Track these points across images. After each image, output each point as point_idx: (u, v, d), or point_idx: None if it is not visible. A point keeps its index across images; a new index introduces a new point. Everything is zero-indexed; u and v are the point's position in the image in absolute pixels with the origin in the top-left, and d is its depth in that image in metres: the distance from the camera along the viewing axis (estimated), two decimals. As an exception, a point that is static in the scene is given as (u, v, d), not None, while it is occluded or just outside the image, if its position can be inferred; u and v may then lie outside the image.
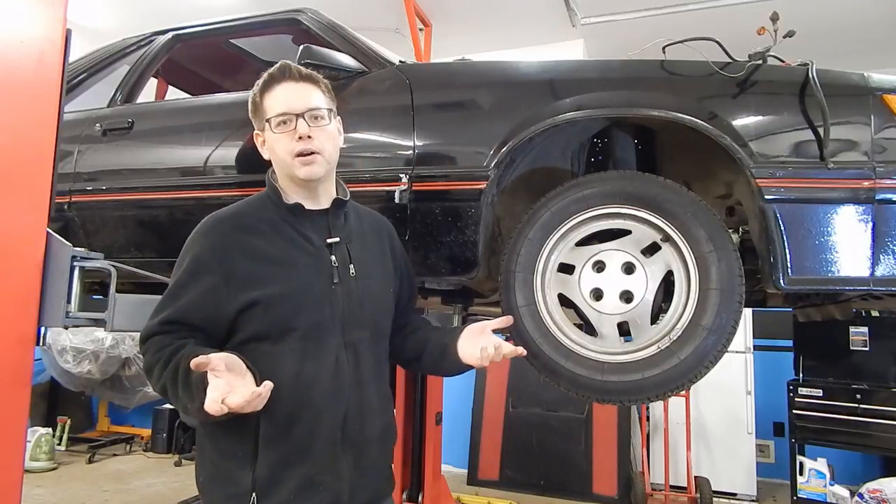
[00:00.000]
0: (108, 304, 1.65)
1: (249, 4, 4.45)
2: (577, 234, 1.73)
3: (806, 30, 1.88)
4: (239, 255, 1.31)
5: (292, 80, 1.37)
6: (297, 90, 1.36)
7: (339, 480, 1.30)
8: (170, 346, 1.26)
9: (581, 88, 1.78)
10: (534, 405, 4.88)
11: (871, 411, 3.88)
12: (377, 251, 1.49)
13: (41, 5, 1.57)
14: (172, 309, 1.29)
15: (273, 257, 1.32)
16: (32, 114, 1.55)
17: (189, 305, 1.29)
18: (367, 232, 1.49)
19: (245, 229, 1.34)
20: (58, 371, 5.54)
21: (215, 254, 1.30)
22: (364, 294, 1.38)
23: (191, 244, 1.35)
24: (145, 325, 1.32)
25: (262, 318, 1.28)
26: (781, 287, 1.57)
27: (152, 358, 1.27)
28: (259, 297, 1.28)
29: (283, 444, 1.27)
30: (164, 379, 1.23)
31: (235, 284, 1.28)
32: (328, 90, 1.42)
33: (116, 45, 2.60)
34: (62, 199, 2.25)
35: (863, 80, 1.65)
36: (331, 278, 1.35)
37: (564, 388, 1.65)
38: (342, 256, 1.38)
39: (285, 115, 1.34)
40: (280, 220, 1.37)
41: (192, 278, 1.30)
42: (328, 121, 1.39)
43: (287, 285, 1.30)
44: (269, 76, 1.39)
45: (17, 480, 1.47)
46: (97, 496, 4.58)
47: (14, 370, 1.46)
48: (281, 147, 1.35)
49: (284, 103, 1.35)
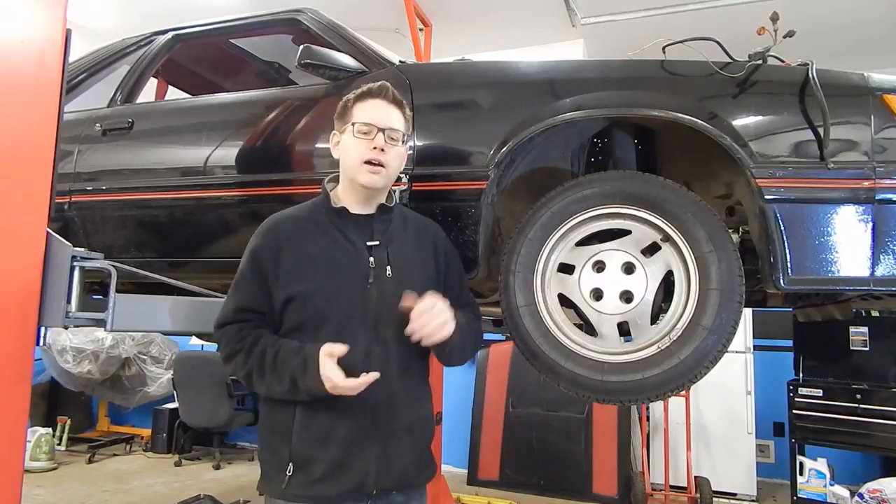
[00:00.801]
0: (108, 304, 1.65)
1: (249, 4, 4.45)
2: (577, 234, 1.73)
3: (806, 30, 1.88)
4: (287, 253, 1.46)
5: (385, 100, 1.51)
6: (386, 109, 1.51)
7: (366, 464, 1.41)
8: (249, 336, 1.43)
9: (581, 88, 1.78)
10: (534, 405, 4.87)
11: (871, 411, 3.87)
12: (418, 254, 1.56)
13: (41, 5, 1.57)
14: (240, 298, 1.47)
15: (315, 256, 1.46)
16: (32, 114, 1.55)
17: (253, 294, 1.46)
18: (411, 235, 1.57)
19: (297, 230, 1.49)
20: (58, 371, 5.55)
21: (269, 251, 1.46)
22: (398, 295, 1.44)
23: (252, 240, 1.51)
24: (219, 315, 1.49)
25: (301, 311, 1.44)
26: (781, 287, 1.57)
27: (234, 346, 1.44)
28: (298, 291, 1.43)
29: (315, 426, 1.41)
30: (251, 365, 1.40)
31: (282, 279, 1.44)
32: (408, 119, 1.58)
33: (116, 45, 2.61)
34: (62, 199, 2.26)
35: (863, 80, 1.65)
36: (366, 278, 1.46)
37: (564, 388, 1.65)
38: (380, 258, 1.49)
39: (369, 126, 1.48)
40: (327, 221, 1.51)
41: (251, 271, 1.47)
42: (401, 144, 1.53)
43: (323, 282, 1.44)
44: (367, 89, 1.53)
45: (17, 480, 1.47)
46: (97, 496, 4.58)
47: (14, 370, 1.46)
48: (355, 151, 1.48)
49: (372, 115, 1.49)
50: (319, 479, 1.39)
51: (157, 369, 5.86)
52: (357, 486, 1.40)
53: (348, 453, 1.40)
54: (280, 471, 1.41)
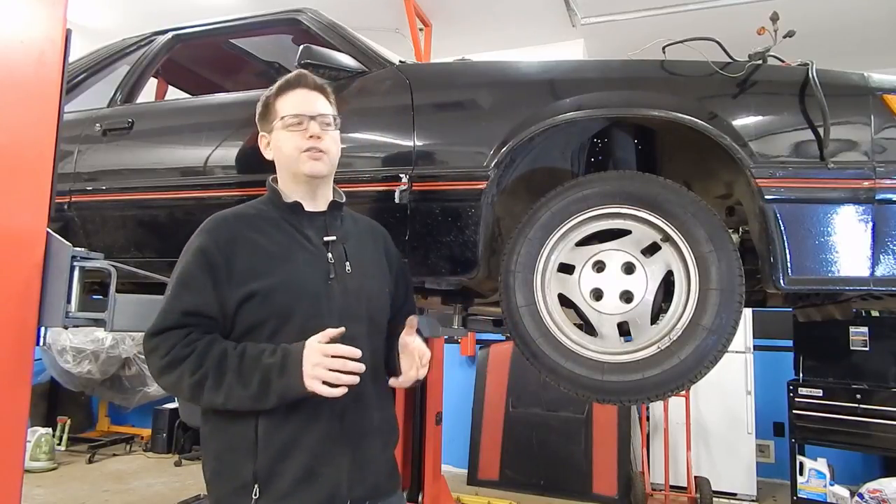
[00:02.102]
0: (108, 304, 1.65)
1: (249, 4, 4.44)
2: (577, 234, 1.73)
3: (806, 30, 1.88)
4: (240, 251, 1.36)
5: (307, 88, 1.48)
6: (310, 96, 1.47)
7: (338, 473, 1.32)
8: (199, 339, 1.29)
9: (581, 88, 1.78)
10: (534, 405, 4.88)
11: (871, 411, 3.87)
12: (373, 252, 1.55)
13: (41, 5, 1.57)
14: (190, 301, 1.32)
15: (272, 252, 1.38)
16: (32, 114, 1.56)
17: (205, 297, 1.32)
18: (364, 234, 1.55)
19: (247, 226, 1.41)
20: (58, 371, 5.54)
21: (219, 249, 1.35)
22: (360, 290, 1.44)
23: (195, 240, 1.40)
24: (158, 319, 1.32)
25: (261, 309, 1.33)
26: (781, 287, 1.57)
27: (180, 352, 1.28)
28: (257, 288, 1.33)
29: (282, 435, 1.30)
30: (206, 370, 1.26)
31: (236, 278, 1.34)
32: (334, 101, 1.54)
33: (116, 45, 2.60)
34: (62, 199, 2.25)
35: (863, 80, 1.65)
36: (327, 274, 1.40)
37: (564, 388, 1.65)
38: (339, 254, 1.44)
39: (299, 117, 1.44)
40: (280, 218, 1.44)
41: (200, 272, 1.34)
42: (334, 127, 1.49)
43: (284, 277, 1.36)
44: (285, 82, 1.49)
45: (17, 480, 1.47)
46: (97, 496, 4.58)
47: (14, 370, 1.47)
48: (291, 144, 1.43)
49: (299, 106, 1.45)
50: (287, 494, 1.28)
51: (157, 369, 5.85)
52: (329, 498, 1.31)
53: (318, 461, 1.31)
54: (243, 495, 1.28)
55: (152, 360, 1.31)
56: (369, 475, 1.38)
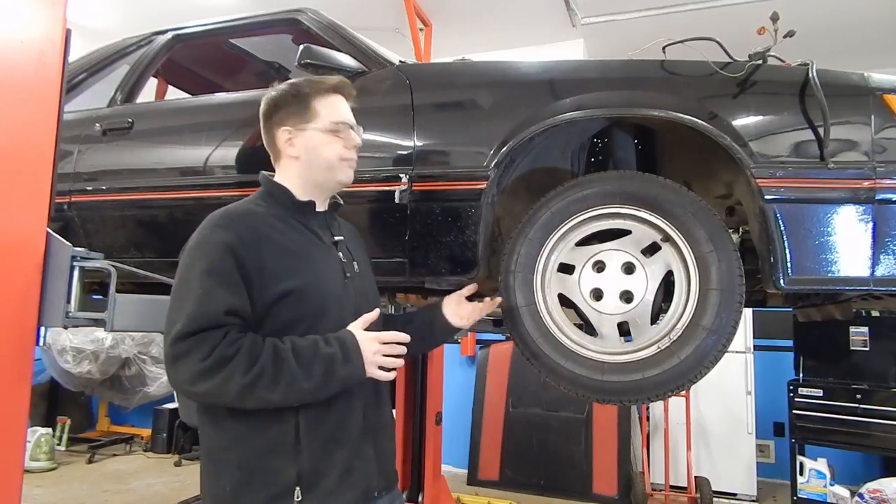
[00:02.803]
0: (108, 304, 1.65)
1: (249, 4, 4.45)
2: (578, 234, 1.73)
3: (806, 30, 1.88)
4: (266, 248, 1.31)
5: (349, 98, 1.51)
6: (347, 107, 1.50)
7: (369, 465, 1.36)
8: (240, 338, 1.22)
9: (581, 88, 1.78)
10: (534, 405, 4.88)
11: (871, 411, 3.87)
12: (363, 252, 1.60)
13: (41, 5, 1.57)
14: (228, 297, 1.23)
15: (294, 250, 1.35)
16: (32, 114, 1.55)
17: (242, 295, 1.25)
18: (351, 235, 1.60)
19: (264, 224, 1.35)
20: (58, 371, 5.54)
21: (245, 246, 1.28)
22: (367, 289, 1.49)
23: (214, 235, 1.29)
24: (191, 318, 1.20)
25: (298, 307, 1.31)
26: (781, 287, 1.57)
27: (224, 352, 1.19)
28: (292, 286, 1.30)
29: (323, 431, 1.29)
30: (261, 367, 1.19)
31: (267, 276, 1.28)
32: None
33: (116, 45, 2.60)
34: (62, 199, 2.25)
35: (863, 80, 1.65)
36: (343, 273, 1.43)
37: (564, 388, 1.65)
38: (346, 254, 1.48)
39: (346, 125, 1.46)
40: (289, 216, 1.41)
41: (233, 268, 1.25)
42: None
43: (313, 276, 1.36)
44: (331, 84, 1.47)
45: (17, 480, 1.47)
46: (97, 496, 4.58)
47: (14, 370, 1.46)
48: (331, 150, 1.43)
49: (345, 114, 1.48)
50: (331, 492, 1.27)
51: (157, 369, 5.84)
52: (365, 491, 1.33)
53: (353, 455, 1.32)
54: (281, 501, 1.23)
55: (185, 366, 1.19)
56: (386, 466, 1.43)
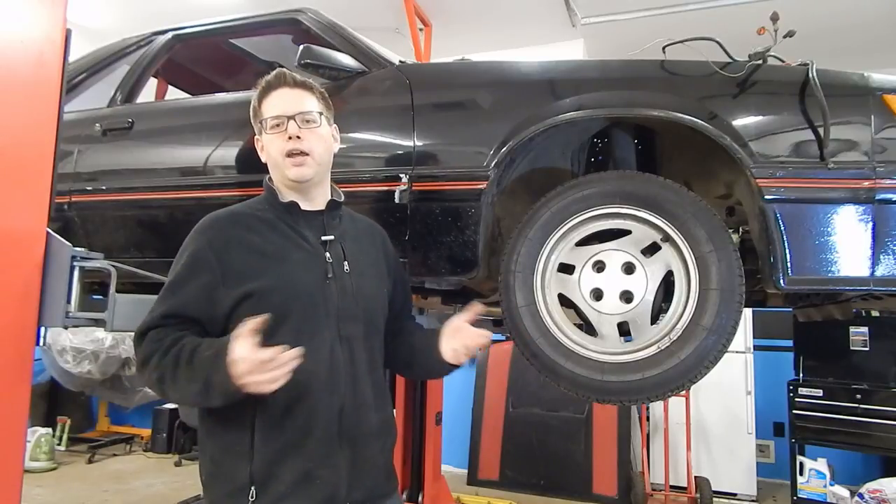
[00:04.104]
0: (108, 304, 1.65)
1: (249, 4, 4.44)
2: (577, 234, 1.73)
3: (806, 30, 1.88)
4: (235, 251, 1.34)
5: (287, 87, 1.44)
6: (291, 95, 1.43)
7: (336, 475, 1.31)
8: (168, 336, 1.27)
9: (581, 88, 1.78)
10: (534, 405, 4.87)
11: (871, 411, 3.87)
12: (371, 253, 1.53)
13: (41, 5, 1.57)
14: (171, 303, 1.32)
15: (267, 252, 1.36)
16: (32, 114, 1.55)
17: (187, 299, 1.31)
18: (362, 234, 1.54)
19: (242, 226, 1.39)
20: (58, 371, 5.54)
21: (213, 250, 1.33)
22: (358, 290, 1.42)
23: (189, 241, 1.38)
24: (143, 320, 1.32)
25: (256, 309, 1.27)
26: (781, 287, 1.57)
27: (149, 348, 1.27)
28: (253, 288, 1.31)
29: (279, 436, 1.29)
30: (164, 365, 1.24)
31: (231, 279, 1.32)
32: (322, 97, 1.49)
33: (116, 45, 2.60)
34: (62, 199, 2.25)
35: (863, 80, 1.65)
36: (325, 274, 1.38)
37: (564, 388, 1.65)
38: (337, 254, 1.43)
39: (278, 118, 1.41)
40: (276, 218, 1.42)
41: (190, 273, 1.33)
42: (319, 123, 1.44)
43: (280, 278, 1.34)
44: (266, 83, 1.45)
45: (17, 480, 1.47)
46: (97, 496, 4.58)
47: (14, 370, 1.46)
48: (274, 148, 1.42)
49: (279, 107, 1.42)
50: (284, 496, 1.26)
51: (157, 369, 5.85)
52: (327, 500, 1.29)
53: (315, 464, 1.29)
54: (239, 497, 1.26)
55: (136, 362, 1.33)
56: (367, 477, 1.37)
